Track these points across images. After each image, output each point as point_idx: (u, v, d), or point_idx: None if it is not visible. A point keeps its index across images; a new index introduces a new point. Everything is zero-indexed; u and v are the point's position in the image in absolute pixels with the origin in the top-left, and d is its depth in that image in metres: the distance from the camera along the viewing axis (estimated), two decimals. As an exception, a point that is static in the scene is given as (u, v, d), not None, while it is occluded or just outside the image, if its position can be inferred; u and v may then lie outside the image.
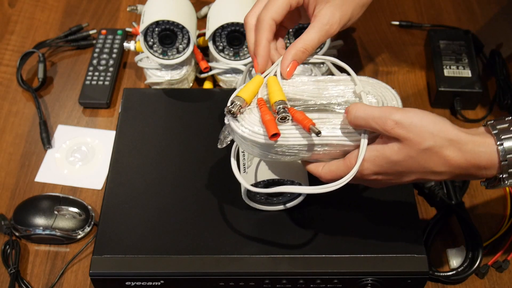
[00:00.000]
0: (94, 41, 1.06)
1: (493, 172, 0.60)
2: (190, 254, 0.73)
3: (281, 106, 0.63)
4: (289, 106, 0.64)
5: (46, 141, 0.93)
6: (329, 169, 0.65)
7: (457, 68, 0.97)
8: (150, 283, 0.73)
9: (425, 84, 1.01)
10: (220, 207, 0.77)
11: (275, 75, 0.69)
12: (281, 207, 0.77)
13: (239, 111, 0.65)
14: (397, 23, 1.10)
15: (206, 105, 0.89)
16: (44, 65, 1.02)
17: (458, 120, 0.96)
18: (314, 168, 0.67)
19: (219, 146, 0.69)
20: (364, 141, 0.63)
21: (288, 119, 0.64)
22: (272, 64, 0.70)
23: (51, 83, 1.03)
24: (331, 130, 0.64)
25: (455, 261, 0.80)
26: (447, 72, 0.96)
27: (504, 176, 0.60)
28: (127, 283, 0.73)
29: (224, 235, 0.75)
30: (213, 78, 1.01)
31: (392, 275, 0.72)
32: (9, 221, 0.83)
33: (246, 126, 0.64)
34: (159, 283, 0.73)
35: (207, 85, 1.00)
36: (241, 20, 0.89)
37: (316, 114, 0.65)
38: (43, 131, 0.94)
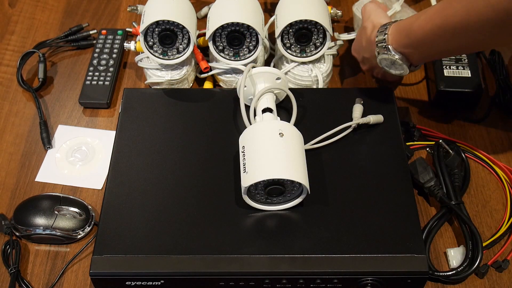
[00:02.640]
0: (94, 41, 1.06)
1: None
2: (190, 254, 0.73)
3: None
4: None
5: (47, 141, 0.93)
6: None
7: (457, 68, 0.97)
8: (150, 283, 0.73)
9: (425, 84, 1.01)
10: (220, 207, 0.78)
11: None
12: (281, 206, 0.77)
13: None
14: (397, 23, 1.10)
15: (206, 105, 0.90)
16: (44, 65, 1.02)
17: (458, 120, 0.96)
18: None
19: None
20: None
21: None
22: None
23: (51, 83, 1.03)
24: None
25: (455, 261, 0.80)
26: (447, 72, 0.96)
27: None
28: (127, 283, 0.73)
29: (224, 235, 0.75)
30: (213, 78, 1.01)
31: (392, 275, 0.73)
32: (10, 221, 0.83)
33: None
34: (159, 283, 0.73)
35: (207, 85, 1.00)
36: (241, 20, 0.89)
37: None
38: (43, 131, 0.94)
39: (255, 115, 0.83)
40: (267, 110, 0.83)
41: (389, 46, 0.81)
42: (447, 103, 0.97)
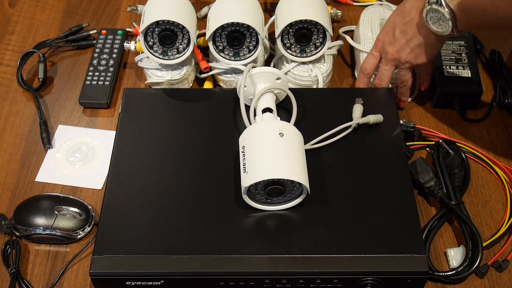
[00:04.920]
0: (94, 41, 1.06)
1: None
2: (190, 254, 0.73)
3: None
4: None
5: (47, 141, 0.93)
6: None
7: (457, 68, 0.97)
8: (150, 283, 0.73)
9: (425, 84, 1.02)
10: (220, 207, 0.78)
11: None
12: (281, 206, 0.77)
13: None
14: (397, 23, 1.10)
15: (206, 105, 0.90)
16: (44, 65, 1.02)
17: (458, 120, 0.96)
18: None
19: None
20: None
21: None
22: None
23: (51, 83, 1.03)
24: None
25: (455, 261, 0.80)
26: (447, 72, 0.96)
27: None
28: (127, 283, 0.73)
29: (224, 235, 0.75)
30: (213, 78, 1.01)
31: (392, 275, 0.73)
32: (10, 221, 0.83)
33: None
34: (159, 283, 0.73)
35: (207, 85, 1.00)
36: (241, 20, 0.89)
37: None
38: (43, 131, 0.94)
39: (255, 115, 0.83)
40: (267, 110, 0.83)
41: (442, 0, 0.80)
42: (447, 103, 0.97)
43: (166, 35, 0.92)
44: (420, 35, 0.87)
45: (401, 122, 0.88)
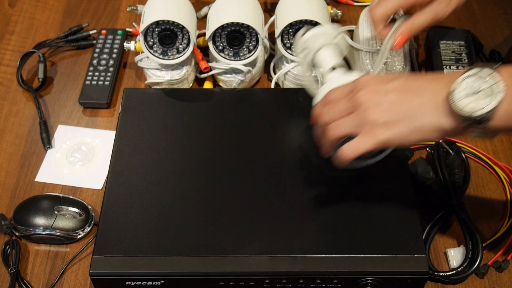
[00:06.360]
0: (94, 41, 1.06)
1: None
2: (190, 254, 0.73)
3: None
4: None
5: (46, 141, 0.93)
6: None
7: (457, 68, 0.97)
8: (150, 283, 0.73)
9: (425, 84, 1.01)
10: (220, 207, 0.78)
11: None
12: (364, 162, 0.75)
13: None
14: (397, 23, 1.09)
15: (206, 105, 0.90)
16: (44, 65, 1.02)
17: (458, 120, 0.96)
18: None
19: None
20: None
21: None
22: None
23: (51, 83, 1.03)
24: None
25: (455, 261, 0.80)
26: (447, 72, 0.96)
27: None
28: (127, 283, 0.73)
29: (224, 235, 0.75)
30: (213, 78, 1.01)
31: (392, 275, 0.72)
32: (9, 221, 0.83)
33: None
34: (159, 283, 0.73)
35: (207, 85, 1.00)
36: (241, 20, 0.89)
37: None
38: (43, 131, 0.94)
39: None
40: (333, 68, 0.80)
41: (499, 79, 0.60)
42: (447, 103, 0.96)
43: (166, 35, 0.92)
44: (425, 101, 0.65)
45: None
